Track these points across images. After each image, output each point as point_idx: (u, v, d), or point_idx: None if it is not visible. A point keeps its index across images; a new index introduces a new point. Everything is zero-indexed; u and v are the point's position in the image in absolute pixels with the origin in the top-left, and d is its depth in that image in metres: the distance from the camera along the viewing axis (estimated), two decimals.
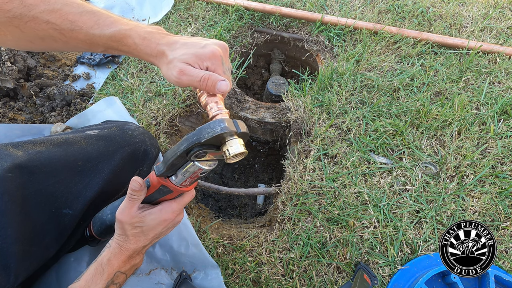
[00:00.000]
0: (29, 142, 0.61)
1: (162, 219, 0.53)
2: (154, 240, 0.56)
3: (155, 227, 0.53)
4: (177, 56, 0.47)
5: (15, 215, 0.53)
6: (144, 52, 0.49)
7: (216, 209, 1.35)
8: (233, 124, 0.44)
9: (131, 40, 0.48)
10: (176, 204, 0.54)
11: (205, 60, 0.48)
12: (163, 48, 0.48)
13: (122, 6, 1.42)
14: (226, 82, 0.48)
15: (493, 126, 0.93)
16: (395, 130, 0.94)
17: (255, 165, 1.53)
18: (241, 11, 1.29)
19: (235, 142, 0.44)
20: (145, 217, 0.52)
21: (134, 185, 0.49)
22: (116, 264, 0.52)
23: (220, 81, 0.48)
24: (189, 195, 0.56)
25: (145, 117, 1.00)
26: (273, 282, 0.76)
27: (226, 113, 0.49)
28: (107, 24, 0.48)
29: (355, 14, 1.27)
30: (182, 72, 0.47)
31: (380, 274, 0.74)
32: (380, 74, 1.09)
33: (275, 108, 1.13)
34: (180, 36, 0.50)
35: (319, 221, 0.81)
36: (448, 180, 0.86)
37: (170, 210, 0.54)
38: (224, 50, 0.51)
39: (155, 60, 0.50)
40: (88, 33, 0.47)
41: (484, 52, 1.12)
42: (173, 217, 0.54)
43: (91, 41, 0.48)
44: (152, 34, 0.49)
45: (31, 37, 0.47)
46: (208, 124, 0.43)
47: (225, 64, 0.51)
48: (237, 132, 0.44)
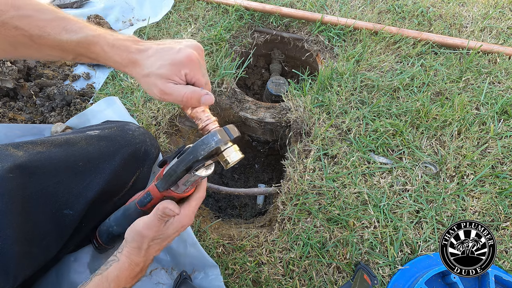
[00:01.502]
0: (29, 142, 0.61)
1: (180, 226, 0.54)
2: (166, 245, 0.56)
3: (171, 235, 0.54)
4: (153, 70, 0.45)
5: (15, 216, 0.53)
6: (114, 60, 0.47)
7: (216, 209, 1.35)
8: (225, 133, 0.44)
9: (99, 47, 0.46)
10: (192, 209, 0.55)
11: (183, 67, 0.46)
12: (135, 56, 0.46)
13: (122, 6, 1.42)
14: (210, 96, 0.48)
15: (493, 126, 0.93)
16: (395, 130, 0.94)
17: (255, 165, 1.53)
18: (241, 11, 1.29)
19: (231, 151, 0.45)
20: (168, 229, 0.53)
21: (169, 212, 0.50)
22: (124, 280, 0.51)
23: (203, 95, 0.47)
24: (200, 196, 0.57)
25: (145, 117, 1.00)
26: (273, 282, 0.76)
27: (214, 121, 0.49)
28: (74, 30, 0.46)
29: (355, 14, 1.27)
30: (163, 93, 0.46)
31: (380, 274, 0.74)
32: (380, 74, 1.09)
33: (275, 108, 1.13)
34: (151, 42, 0.49)
35: (319, 221, 0.82)
36: (448, 180, 0.86)
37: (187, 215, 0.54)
38: (199, 51, 0.50)
39: (128, 70, 0.48)
40: (56, 39, 0.45)
41: (484, 52, 1.12)
42: (189, 222, 0.55)
43: (60, 47, 0.46)
44: (121, 41, 0.47)
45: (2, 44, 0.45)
46: (201, 141, 0.44)
47: (202, 66, 0.49)
48: (230, 139, 0.45)
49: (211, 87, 0.54)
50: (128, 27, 1.34)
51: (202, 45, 1.19)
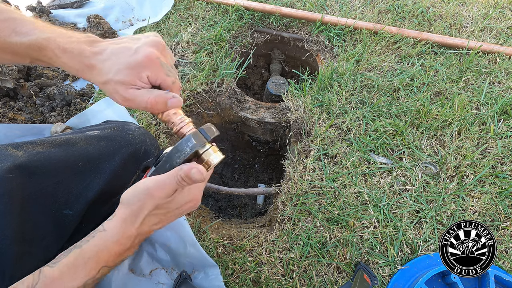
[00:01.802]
0: (29, 142, 0.61)
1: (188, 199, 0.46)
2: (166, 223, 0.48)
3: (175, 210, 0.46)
4: (111, 76, 0.41)
5: (14, 216, 0.52)
6: (69, 65, 0.43)
7: (216, 209, 1.35)
8: (200, 135, 0.41)
9: (51, 51, 0.42)
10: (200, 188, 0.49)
11: (142, 70, 0.42)
12: (91, 61, 0.42)
13: (122, 6, 1.42)
14: (176, 99, 0.43)
15: (493, 126, 0.93)
16: (395, 130, 0.94)
17: (255, 165, 1.53)
18: (241, 11, 1.29)
19: (210, 153, 0.43)
20: (177, 199, 0.44)
21: (195, 176, 0.40)
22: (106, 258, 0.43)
23: (169, 99, 0.43)
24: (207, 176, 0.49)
25: (145, 117, 1.00)
26: (273, 282, 0.76)
27: (189, 122, 0.45)
28: (24, 32, 0.42)
29: (355, 14, 1.27)
30: (125, 100, 0.42)
31: (380, 274, 0.74)
32: (380, 74, 1.09)
33: (275, 108, 1.13)
34: (107, 42, 0.44)
35: (319, 221, 0.82)
36: (448, 180, 0.86)
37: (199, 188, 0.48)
38: (159, 47, 0.45)
39: (85, 75, 0.43)
40: (6, 41, 0.42)
41: (484, 52, 1.12)
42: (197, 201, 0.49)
43: (11, 50, 0.43)
44: (74, 44, 0.42)
45: None
46: (176, 147, 0.41)
47: (165, 64, 0.44)
48: (207, 141, 0.42)
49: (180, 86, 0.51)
50: (128, 27, 1.34)
51: (202, 45, 1.19)
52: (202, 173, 0.40)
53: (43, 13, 1.36)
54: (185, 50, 1.19)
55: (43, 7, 1.37)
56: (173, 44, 1.21)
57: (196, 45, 1.20)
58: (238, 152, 1.53)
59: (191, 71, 1.12)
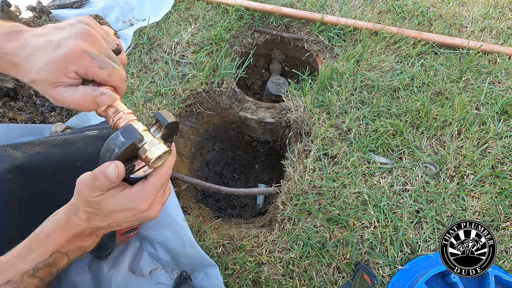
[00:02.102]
0: (28, 143, 0.61)
1: (129, 206, 0.40)
2: (115, 227, 0.43)
3: (116, 214, 0.40)
4: (35, 75, 0.37)
5: (12, 217, 0.53)
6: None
7: (216, 209, 1.35)
8: (133, 128, 0.36)
9: None
10: (147, 192, 0.40)
11: (68, 65, 0.37)
12: (13, 59, 0.38)
13: (122, 6, 1.42)
14: (106, 95, 0.39)
15: (493, 126, 0.92)
16: (395, 130, 0.94)
17: (255, 165, 1.53)
18: (241, 11, 1.29)
19: (148, 147, 0.37)
20: (105, 201, 0.39)
21: (111, 174, 0.36)
22: (55, 241, 0.41)
23: (98, 96, 0.38)
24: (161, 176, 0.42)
25: (145, 117, 1.00)
26: (273, 282, 0.76)
27: (126, 114, 0.40)
28: None
29: (355, 14, 1.27)
30: (56, 101, 0.38)
31: (380, 274, 0.74)
32: (380, 74, 1.09)
33: (275, 108, 1.13)
34: (30, 33, 0.39)
35: (319, 221, 0.81)
36: (448, 180, 0.86)
37: (139, 195, 0.40)
38: (86, 36, 0.39)
39: (13, 74, 0.39)
40: None
41: (484, 52, 1.12)
42: (144, 208, 0.41)
43: None
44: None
45: None
46: (104, 146, 0.36)
47: (96, 55, 0.39)
48: (139, 138, 0.36)
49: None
50: (128, 27, 1.34)
51: (202, 45, 1.19)
52: (118, 170, 0.36)
53: (43, 13, 1.36)
54: (185, 50, 1.19)
55: (43, 7, 1.37)
56: (173, 44, 1.21)
57: (196, 45, 1.20)
58: (238, 152, 1.53)
59: (191, 71, 1.12)
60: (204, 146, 1.36)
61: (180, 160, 1.13)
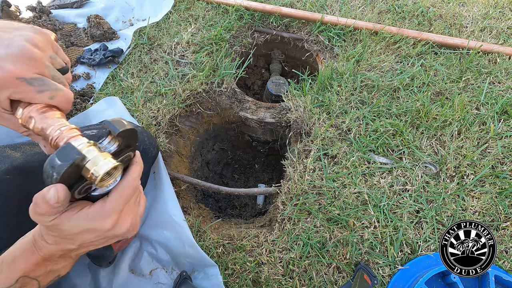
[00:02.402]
0: (27, 143, 0.61)
1: (87, 228, 0.36)
2: (90, 247, 0.39)
3: (81, 236, 0.37)
4: None
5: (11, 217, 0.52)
6: None
7: (216, 209, 1.35)
8: (72, 147, 0.32)
9: None
10: (110, 207, 0.36)
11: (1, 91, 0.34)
12: None
13: (122, 6, 1.42)
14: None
15: (493, 126, 0.93)
16: (395, 130, 0.94)
17: (255, 165, 1.53)
18: (241, 11, 1.29)
19: (90, 166, 0.33)
20: (61, 224, 0.35)
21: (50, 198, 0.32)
22: (22, 265, 0.38)
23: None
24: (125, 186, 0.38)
25: (145, 117, 1.00)
26: (273, 282, 0.76)
27: (66, 130, 0.35)
28: None
29: (355, 14, 1.27)
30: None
31: (380, 274, 0.74)
32: (380, 74, 1.09)
33: (275, 108, 1.13)
34: None
35: (319, 221, 0.82)
36: (448, 180, 0.86)
37: (100, 215, 0.36)
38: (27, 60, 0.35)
39: None
40: None
41: (484, 52, 1.12)
42: (107, 226, 0.36)
43: None
44: None
45: None
46: (43, 172, 0.32)
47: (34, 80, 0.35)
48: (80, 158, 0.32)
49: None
50: (128, 27, 1.35)
51: (202, 45, 1.19)
52: (58, 194, 0.32)
53: (43, 13, 1.36)
54: (185, 50, 1.19)
55: (43, 7, 1.37)
56: (173, 44, 1.21)
57: (196, 45, 1.20)
58: (238, 152, 1.53)
59: (191, 71, 1.12)
60: (204, 146, 1.36)
61: (180, 160, 1.13)
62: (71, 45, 1.28)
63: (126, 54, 1.20)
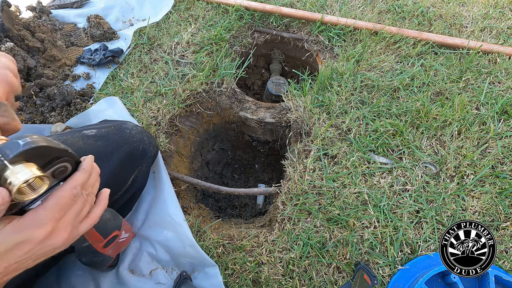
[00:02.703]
0: None
1: (18, 240, 0.33)
2: (20, 269, 0.35)
3: (11, 253, 0.33)
4: None
5: None
6: None
7: (216, 209, 1.35)
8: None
9: None
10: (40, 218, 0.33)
11: None
12: None
13: (122, 6, 1.42)
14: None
15: (493, 126, 0.92)
16: (395, 130, 0.93)
17: (255, 165, 1.53)
18: (241, 11, 1.29)
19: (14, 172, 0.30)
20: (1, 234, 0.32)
21: None
22: None
23: None
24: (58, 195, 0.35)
25: (145, 117, 1.00)
26: (273, 282, 0.76)
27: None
28: None
29: (355, 14, 1.27)
30: None
31: (380, 274, 0.74)
32: (380, 74, 1.09)
33: (275, 108, 1.13)
34: None
35: (319, 221, 0.81)
36: (448, 180, 0.86)
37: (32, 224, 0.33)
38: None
39: None
40: None
41: (484, 52, 1.12)
42: (40, 236, 0.33)
43: None
44: None
45: None
46: None
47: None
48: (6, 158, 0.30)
49: None
50: (128, 27, 1.35)
51: (202, 45, 1.19)
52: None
53: (43, 13, 1.36)
54: (185, 50, 1.19)
55: (43, 7, 1.37)
56: (173, 44, 1.21)
57: (196, 45, 1.20)
58: (238, 152, 1.53)
59: (191, 71, 1.12)
60: (204, 146, 1.36)
61: (180, 160, 1.13)
62: (71, 45, 1.28)
63: (126, 54, 1.20)
